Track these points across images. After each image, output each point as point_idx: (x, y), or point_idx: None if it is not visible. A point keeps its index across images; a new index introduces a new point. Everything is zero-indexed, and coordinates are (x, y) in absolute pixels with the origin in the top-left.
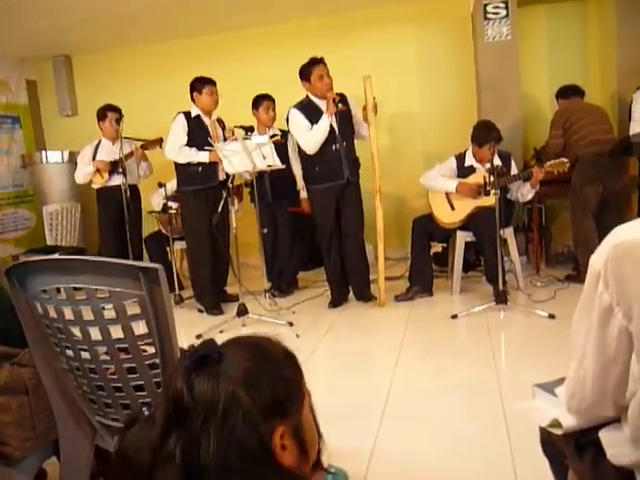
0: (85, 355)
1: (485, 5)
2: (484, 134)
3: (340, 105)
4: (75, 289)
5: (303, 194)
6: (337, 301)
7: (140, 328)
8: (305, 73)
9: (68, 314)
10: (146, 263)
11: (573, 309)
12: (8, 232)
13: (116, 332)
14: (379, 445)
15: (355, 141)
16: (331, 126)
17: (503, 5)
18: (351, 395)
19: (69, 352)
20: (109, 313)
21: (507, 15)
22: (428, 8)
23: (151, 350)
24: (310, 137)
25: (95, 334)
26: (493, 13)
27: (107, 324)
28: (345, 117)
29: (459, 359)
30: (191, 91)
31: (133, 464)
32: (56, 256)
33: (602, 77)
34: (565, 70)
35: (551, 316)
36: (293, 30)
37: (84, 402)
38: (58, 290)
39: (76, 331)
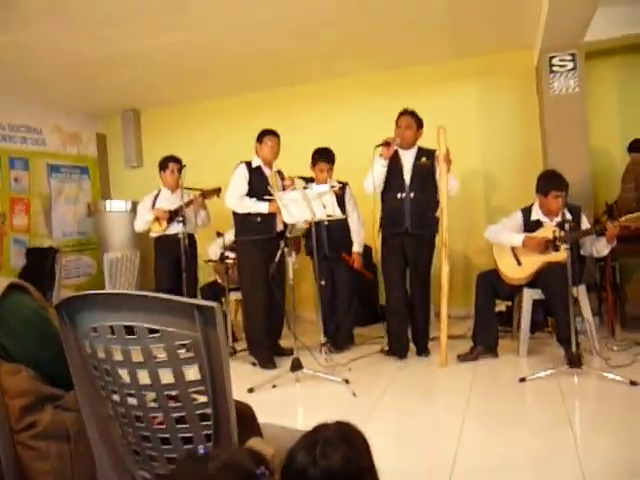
0: (132, 401)
1: (551, 58)
2: (548, 182)
3: (424, 159)
4: (127, 329)
5: (356, 247)
6: (395, 351)
7: (192, 374)
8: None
9: (117, 355)
10: (202, 301)
11: None
12: (70, 278)
13: (166, 377)
14: None
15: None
16: (402, 175)
17: (570, 58)
18: (413, 462)
19: (115, 397)
20: (160, 355)
21: (574, 68)
22: (492, 62)
23: (203, 399)
24: (368, 176)
25: (144, 378)
26: (559, 66)
27: (157, 367)
28: (424, 171)
29: (531, 428)
30: (256, 142)
31: None
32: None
33: None
34: (637, 123)
35: (633, 383)
36: (356, 84)
37: (128, 453)
38: (109, 329)
39: (124, 374)
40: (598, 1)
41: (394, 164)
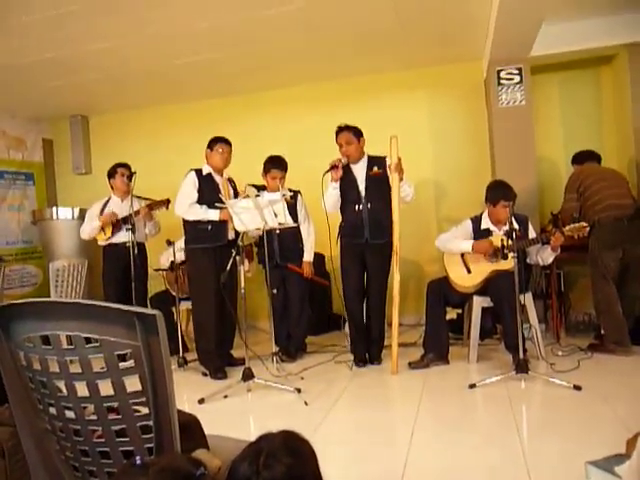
0: (70, 414)
1: (499, 71)
2: (497, 192)
3: (375, 169)
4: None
5: (306, 257)
6: (361, 359)
7: (133, 384)
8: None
9: (53, 366)
10: (143, 308)
11: (599, 380)
12: (14, 288)
13: (105, 388)
14: None
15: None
16: (357, 187)
17: (517, 71)
18: (363, 472)
19: (52, 410)
20: (98, 366)
21: (521, 81)
22: (441, 74)
23: (144, 411)
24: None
25: (82, 390)
26: (507, 79)
27: (96, 378)
28: (378, 180)
29: (479, 433)
30: (206, 148)
31: None
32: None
33: (618, 142)
34: (580, 136)
35: (577, 387)
36: (307, 94)
37: (66, 469)
38: (45, 339)
39: (61, 385)
40: (542, 18)
41: (348, 178)
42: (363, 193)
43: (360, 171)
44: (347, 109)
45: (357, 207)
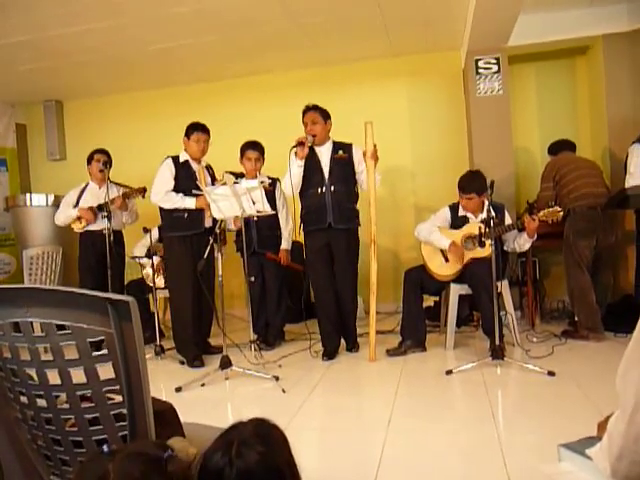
0: (41, 402)
1: (477, 61)
2: (466, 183)
3: (340, 152)
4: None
5: (284, 245)
6: (330, 352)
7: (107, 372)
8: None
9: (24, 354)
10: (115, 295)
11: (573, 366)
12: None
13: (78, 376)
14: None
15: (360, 191)
16: (321, 169)
17: (494, 61)
18: (341, 457)
19: (23, 399)
20: (70, 353)
21: (499, 70)
22: (420, 63)
23: (118, 398)
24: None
25: (54, 378)
26: (485, 68)
27: (68, 366)
28: (343, 164)
29: (456, 418)
30: (184, 136)
31: None
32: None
33: (592, 132)
34: (556, 125)
35: (551, 373)
36: (287, 81)
37: (38, 458)
38: (15, 326)
39: (32, 373)
40: (520, 9)
41: (312, 160)
42: (327, 176)
43: (325, 154)
44: (327, 97)
45: (320, 190)
